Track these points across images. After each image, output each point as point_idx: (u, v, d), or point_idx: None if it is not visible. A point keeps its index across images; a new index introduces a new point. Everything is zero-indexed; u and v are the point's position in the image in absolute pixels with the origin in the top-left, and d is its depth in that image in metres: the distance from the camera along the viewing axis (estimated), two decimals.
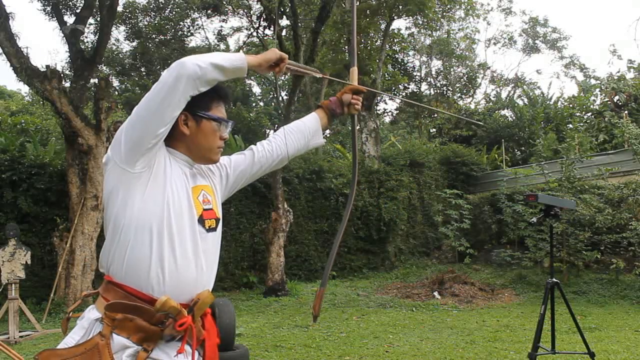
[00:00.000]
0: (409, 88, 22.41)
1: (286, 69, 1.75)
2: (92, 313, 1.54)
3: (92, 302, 1.65)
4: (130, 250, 1.51)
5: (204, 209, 1.64)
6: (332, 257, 2.07)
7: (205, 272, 1.62)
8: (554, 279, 4.05)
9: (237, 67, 1.56)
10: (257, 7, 16.02)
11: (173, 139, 1.65)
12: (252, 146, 1.95)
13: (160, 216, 1.52)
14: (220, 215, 1.72)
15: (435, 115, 21.83)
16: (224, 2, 16.27)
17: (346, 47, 15.01)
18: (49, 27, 49.75)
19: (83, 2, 10.84)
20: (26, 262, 7.20)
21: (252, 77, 25.05)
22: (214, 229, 1.67)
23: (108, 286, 1.55)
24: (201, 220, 1.62)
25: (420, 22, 17.39)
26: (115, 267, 1.53)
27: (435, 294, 9.27)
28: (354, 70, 2.15)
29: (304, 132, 1.99)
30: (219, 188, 1.80)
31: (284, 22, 14.11)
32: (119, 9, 13.96)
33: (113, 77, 18.38)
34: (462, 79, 24.47)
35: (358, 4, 14.33)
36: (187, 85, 1.48)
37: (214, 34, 19.88)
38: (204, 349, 1.63)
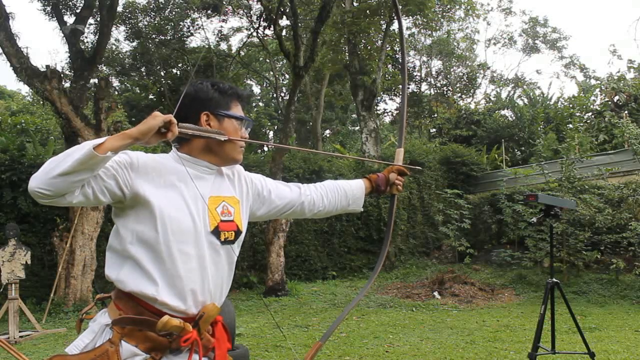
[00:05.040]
0: (409, 88, 22.41)
1: (181, 132, 1.49)
2: (104, 318, 1.55)
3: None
4: (135, 272, 1.52)
5: (222, 220, 1.62)
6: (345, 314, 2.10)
7: (214, 284, 1.60)
8: (554, 279, 4.05)
9: (84, 160, 1.34)
10: (257, 7, 16.05)
11: (192, 144, 1.63)
12: (300, 185, 1.95)
13: (155, 237, 1.51)
14: (243, 227, 1.69)
15: (436, 115, 21.83)
16: (224, 2, 16.29)
17: (346, 47, 15.01)
18: (49, 27, 49.83)
19: (83, 2, 10.85)
20: (26, 262, 7.20)
21: (252, 78, 25.05)
22: (231, 241, 1.64)
23: (120, 293, 1.55)
24: (216, 232, 1.60)
25: (420, 22, 17.40)
26: (123, 285, 1.53)
27: (435, 294, 9.27)
28: (400, 151, 2.18)
29: (348, 194, 2.02)
30: (251, 202, 1.79)
31: (284, 22, 14.12)
32: (119, 9, 13.97)
33: (113, 77, 18.39)
34: (462, 79, 24.48)
35: (358, 4, 14.34)
36: (58, 201, 1.40)
37: (214, 34, 19.91)
38: (214, 356, 1.63)
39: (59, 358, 1.49)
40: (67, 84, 10.54)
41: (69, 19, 11.31)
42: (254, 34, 17.62)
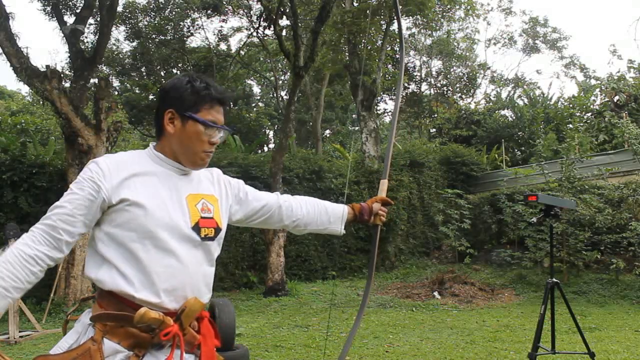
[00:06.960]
0: (409, 88, 22.43)
1: None
2: (87, 317, 1.55)
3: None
4: (112, 272, 1.51)
5: (202, 217, 1.61)
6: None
7: (195, 280, 1.58)
8: (554, 279, 4.04)
9: None
10: (257, 7, 16.06)
11: (162, 141, 1.63)
12: (277, 193, 1.95)
13: (130, 236, 1.51)
14: (222, 225, 1.69)
15: (436, 115, 21.83)
16: (224, 2, 16.31)
17: (346, 47, 15.00)
18: (49, 27, 49.85)
19: (83, 2, 10.85)
20: None
21: (252, 78, 25.06)
22: (211, 238, 1.63)
23: (102, 292, 1.55)
24: (196, 228, 1.59)
25: (420, 22, 17.40)
26: (102, 284, 1.53)
27: (435, 294, 9.27)
28: (384, 183, 2.23)
29: (329, 211, 2.02)
30: (229, 202, 1.78)
31: (284, 22, 14.12)
32: (119, 9, 13.97)
33: (113, 77, 18.39)
34: (462, 79, 24.48)
35: (358, 4, 14.33)
36: None
37: (214, 34, 19.92)
38: (200, 353, 1.61)
39: (42, 359, 1.48)
40: (67, 84, 10.55)
41: (69, 19, 11.33)
42: (254, 34, 17.63)
